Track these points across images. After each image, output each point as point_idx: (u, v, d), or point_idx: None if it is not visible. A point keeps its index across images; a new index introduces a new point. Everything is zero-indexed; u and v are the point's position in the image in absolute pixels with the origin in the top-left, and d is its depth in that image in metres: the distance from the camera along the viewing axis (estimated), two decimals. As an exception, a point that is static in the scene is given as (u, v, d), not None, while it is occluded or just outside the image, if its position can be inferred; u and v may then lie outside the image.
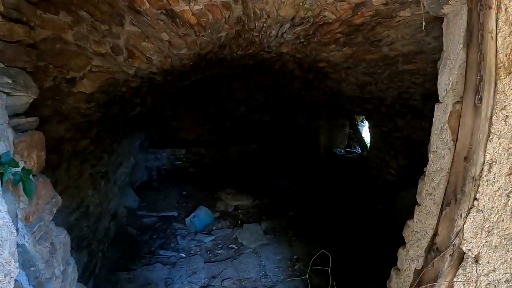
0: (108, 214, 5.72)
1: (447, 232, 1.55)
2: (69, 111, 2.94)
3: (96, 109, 3.49)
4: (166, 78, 5.13)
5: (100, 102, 3.38)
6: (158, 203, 7.23)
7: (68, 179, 3.94)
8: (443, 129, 1.63)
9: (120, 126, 5.50)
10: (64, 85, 2.49)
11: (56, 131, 2.99)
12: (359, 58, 4.62)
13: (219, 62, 6.26)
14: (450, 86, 1.56)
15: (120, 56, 2.79)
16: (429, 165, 1.78)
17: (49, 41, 2.04)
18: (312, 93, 8.05)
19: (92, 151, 4.55)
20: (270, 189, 8.08)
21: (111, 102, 3.71)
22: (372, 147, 7.34)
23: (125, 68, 3.01)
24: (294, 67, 6.12)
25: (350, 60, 4.82)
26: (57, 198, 1.87)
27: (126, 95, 4.07)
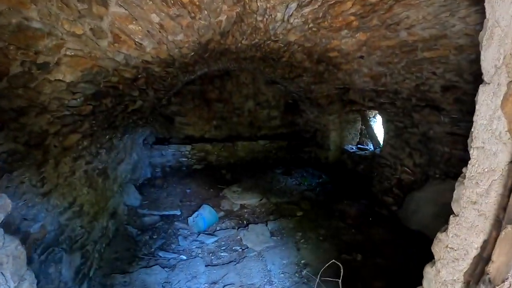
0: (107, 213, 5.44)
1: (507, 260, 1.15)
2: (49, 102, 2.62)
3: (84, 101, 3.18)
4: (166, 70, 4.82)
5: (87, 93, 3.07)
6: (161, 201, 6.94)
7: (58, 177, 3.65)
8: (494, 118, 1.22)
9: (119, 121, 5.19)
10: (36, 71, 2.17)
11: (36, 124, 2.68)
12: (373, 45, 4.24)
13: (224, 54, 5.93)
14: (502, 60, 1.17)
15: (103, 40, 2.47)
16: (472, 165, 1.36)
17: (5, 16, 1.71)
18: (322, 87, 7.67)
19: (86, 147, 4.26)
20: (278, 188, 7.72)
21: (101, 93, 3.40)
22: (386, 144, 6.94)
23: (111, 54, 2.69)
24: (303, 58, 5.75)
25: (364, 48, 4.44)
26: (5, 202, 1.54)
27: (120, 86, 3.75)
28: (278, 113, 10.62)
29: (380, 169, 7.14)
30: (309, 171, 9.03)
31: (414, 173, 6.16)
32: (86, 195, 4.56)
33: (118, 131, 5.68)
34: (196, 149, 9.36)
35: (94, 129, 4.10)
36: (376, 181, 7.29)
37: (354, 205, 6.84)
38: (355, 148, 9.29)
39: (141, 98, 5.51)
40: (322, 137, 9.78)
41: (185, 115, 9.91)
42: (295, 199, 7.13)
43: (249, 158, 9.85)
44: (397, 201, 6.43)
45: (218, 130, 10.29)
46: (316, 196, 7.34)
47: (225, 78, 9.92)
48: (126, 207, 6.43)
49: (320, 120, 9.63)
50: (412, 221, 5.81)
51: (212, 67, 7.94)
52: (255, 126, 10.55)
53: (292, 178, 8.36)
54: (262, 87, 10.26)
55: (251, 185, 7.73)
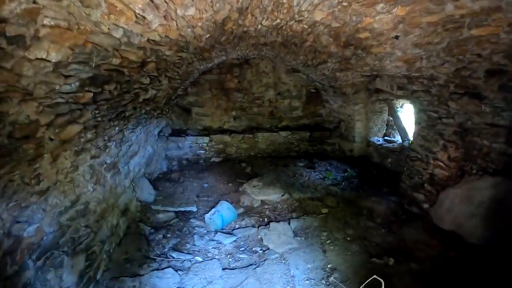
0: (117, 210, 5.11)
1: None
2: (34, 87, 2.21)
3: (80, 87, 2.77)
4: (179, 55, 4.38)
5: (83, 77, 2.65)
6: (177, 196, 6.56)
7: (57, 173, 3.28)
8: None
9: (129, 112, 4.80)
10: (8, 46, 1.74)
11: (21, 113, 2.27)
12: (412, 22, 3.68)
13: (242, 39, 5.47)
14: None
15: (95, 10, 2.02)
16: None
17: None
18: (348, 74, 7.12)
19: (91, 140, 3.87)
20: (301, 182, 7.24)
21: (101, 78, 2.98)
22: (417, 135, 6.34)
23: (107, 28, 2.25)
24: (329, 41, 5.23)
25: (400, 26, 3.88)
26: None
27: (125, 71, 3.32)
28: (300, 103, 10.12)
29: (410, 163, 6.56)
30: (333, 164, 8.49)
31: (449, 168, 5.58)
32: (92, 192, 4.20)
33: (129, 123, 5.31)
34: (214, 141, 8.97)
35: (99, 119, 3.70)
36: (405, 176, 6.72)
37: (382, 202, 6.31)
38: (381, 140, 8.70)
39: (153, 87, 5.11)
40: (347, 128, 9.23)
41: (202, 105, 9.56)
42: (319, 195, 6.63)
43: (270, 150, 9.40)
44: (429, 198, 5.87)
45: (237, 121, 9.90)
46: (342, 192, 6.82)
47: (244, 67, 9.50)
48: (139, 203, 6.09)
49: (344, 110, 9.08)
50: (445, 221, 5.31)
51: (231, 54, 7.51)
52: (276, 117, 10.09)
53: (316, 172, 7.84)
54: (283, 76, 9.78)
55: (272, 179, 7.26)
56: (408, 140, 7.82)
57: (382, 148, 8.27)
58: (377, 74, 6.44)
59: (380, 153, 8.30)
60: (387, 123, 9.06)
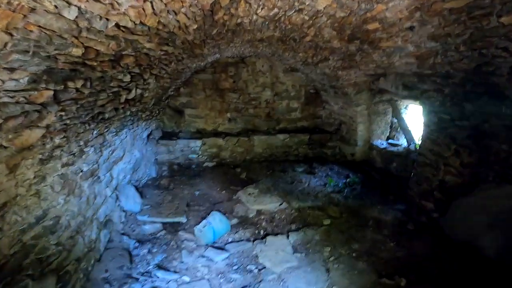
0: (97, 222, 4.61)
1: None
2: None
3: (34, 83, 2.25)
4: (164, 49, 3.87)
5: (33, 70, 2.13)
6: (165, 205, 6.03)
7: (16, 186, 2.76)
8: None
9: (109, 113, 4.27)
10: None
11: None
12: (432, 9, 3.18)
13: (236, 33, 4.96)
14: None
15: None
16: None
17: None
18: (350, 73, 6.63)
19: (60, 146, 3.35)
20: (300, 189, 6.72)
21: (62, 73, 2.45)
22: (425, 139, 5.87)
23: (51, 5, 1.72)
24: (332, 35, 4.73)
25: (417, 15, 3.38)
26: None
27: (94, 65, 2.79)
28: (298, 104, 9.62)
29: (418, 168, 6.09)
30: (334, 169, 7.99)
31: (461, 175, 5.13)
32: (64, 204, 3.68)
33: (112, 125, 4.80)
34: (207, 145, 8.43)
35: (67, 122, 3.18)
36: (413, 182, 6.25)
37: (389, 212, 5.84)
38: (385, 144, 8.20)
39: (138, 85, 4.59)
40: (348, 131, 8.73)
41: (195, 107, 9.05)
42: (320, 204, 6.11)
43: (266, 154, 8.87)
44: (439, 207, 5.43)
45: (232, 123, 9.38)
46: (345, 200, 6.31)
47: (240, 66, 9.00)
48: (123, 213, 5.57)
49: (345, 112, 8.58)
50: (458, 232, 4.87)
51: (225, 52, 7.01)
52: (273, 119, 9.57)
53: (316, 178, 7.33)
54: (280, 75, 9.29)
55: (269, 186, 6.74)
56: (414, 144, 7.34)
57: (386, 152, 7.77)
58: (383, 72, 5.95)
59: (384, 157, 7.81)
60: (390, 125, 8.56)
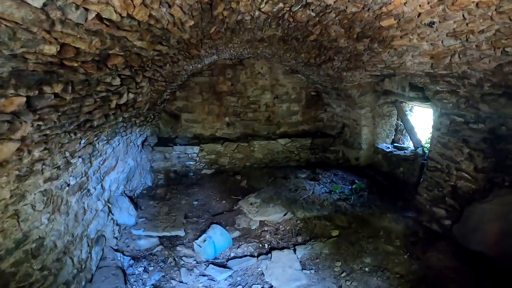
0: (87, 240, 4.23)
1: None
2: None
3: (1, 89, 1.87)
4: (157, 49, 3.49)
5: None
6: (161, 217, 5.64)
7: (-11, 208, 2.38)
8: None
9: (98, 120, 3.87)
10: None
11: None
12: (457, 3, 2.80)
13: (235, 32, 4.60)
14: None
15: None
16: None
17: None
18: (355, 74, 6.26)
19: (41, 159, 2.97)
20: (305, 198, 6.32)
21: (34, 76, 2.07)
22: (436, 143, 5.54)
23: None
24: (340, 33, 4.37)
25: (439, 9, 3.01)
26: None
27: (75, 66, 2.40)
28: (299, 107, 9.26)
29: (428, 173, 5.74)
30: (339, 174, 7.61)
31: (475, 180, 4.79)
32: (49, 224, 3.31)
33: (102, 133, 4.42)
34: (205, 151, 8.04)
35: (47, 133, 2.78)
36: (422, 188, 5.89)
37: (400, 221, 5.49)
38: (391, 147, 7.85)
39: (130, 89, 4.20)
40: (352, 134, 8.37)
41: (192, 111, 8.68)
42: (327, 213, 5.72)
43: (267, 160, 8.48)
44: (452, 214, 5.11)
45: (231, 128, 9.01)
46: (352, 208, 5.93)
47: (238, 68, 8.65)
48: (117, 227, 5.18)
49: (349, 114, 8.23)
50: (472, 240, 4.62)
51: (223, 53, 6.64)
52: (274, 123, 9.21)
53: (320, 185, 6.94)
54: (280, 77, 8.95)
55: (271, 194, 6.35)
56: (421, 147, 6.98)
57: (392, 155, 7.41)
58: (392, 73, 5.58)
59: (390, 162, 7.44)
60: (395, 128, 8.21)
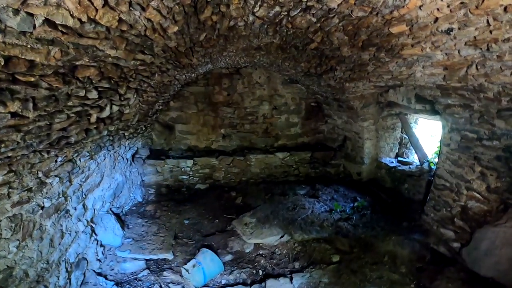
0: (66, 265, 3.88)
1: None
2: None
3: None
4: (139, 58, 3.14)
5: None
6: (149, 238, 5.25)
7: None
8: None
9: (76, 136, 3.51)
10: None
11: None
12: (482, 7, 2.46)
13: (229, 40, 4.28)
14: None
15: None
16: None
17: None
18: (358, 85, 5.92)
19: (6, 183, 2.63)
20: (303, 217, 5.93)
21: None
22: (444, 159, 5.22)
23: None
24: (343, 41, 4.04)
25: (460, 14, 2.66)
26: None
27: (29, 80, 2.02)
28: (299, 118, 8.91)
29: (436, 191, 5.41)
30: (340, 191, 7.23)
31: (488, 201, 4.46)
32: (18, 252, 2.96)
33: (84, 148, 4.06)
34: (199, 165, 7.66)
35: (10, 154, 2.43)
36: (429, 207, 5.56)
37: (406, 244, 5.09)
38: (395, 162, 7.48)
39: (114, 102, 3.85)
40: (354, 147, 8.01)
41: (187, 122, 8.32)
42: (327, 235, 5.33)
43: (264, 175, 8.09)
44: (461, 236, 4.80)
45: (227, 140, 8.65)
46: (354, 229, 5.54)
47: (235, 77, 8.32)
48: (101, 248, 4.81)
49: (350, 127, 7.88)
50: (483, 265, 4.29)
51: (218, 62, 6.32)
52: (272, 135, 8.85)
53: (320, 202, 6.55)
54: (279, 87, 8.62)
55: (268, 213, 5.94)
56: (427, 162, 6.62)
57: (396, 171, 7.05)
58: (399, 84, 5.25)
59: (394, 177, 7.08)
60: (399, 141, 7.86)
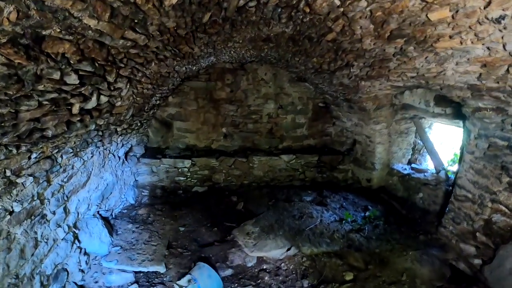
0: (40, 278, 3.34)
1: None
2: None
3: None
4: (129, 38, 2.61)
5: None
6: (140, 246, 4.69)
7: None
8: None
9: (55, 130, 2.97)
10: None
11: None
12: None
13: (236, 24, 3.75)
14: None
15: None
16: None
17: None
18: (375, 84, 5.38)
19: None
20: (311, 228, 5.33)
21: None
22: (467, 167, 4.75)
23: None
24: (367, 30, 3.51)
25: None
26: None
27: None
28: (306, 119, 8.37)
29: (456, 203, 4.95)
30: (349, 198, 6.67)
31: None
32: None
33: (66, 144, 3.51)
34: (197, 165, 7.11)
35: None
36: (448, 220, 5.09)
37: (424, 260, 4.60)
38: (408, 169, 6.94)
39: (102, 91, 3.31)
40: (364, 152, 7.47)
41: (186, 119, 7.79)
42: (338, 248, 4.78)
43: (268, 179, 7.55)
44: (483, 252, 4.39)
45: (228, 140, 8.11)
46: (367, 242, 5.00)
47: (239, 73, 7.79)
48: (85, 257, 4.25)
49: (361, 130, 7.33)
50: (507, 285, 3.94)
51: (221, 54, 5.79)
52: (276, 136, 8.30)
53: (329, 211, 5.98)
54: (285, 85, 8.08)
55: (272, 222, 5.36)
56: (444, 170, 6.09)
57: (409, 178, 6.52)
58: (421, 84, 4.70)
59: (408, 186, 6.54)
60: (413, 147, 7.33)
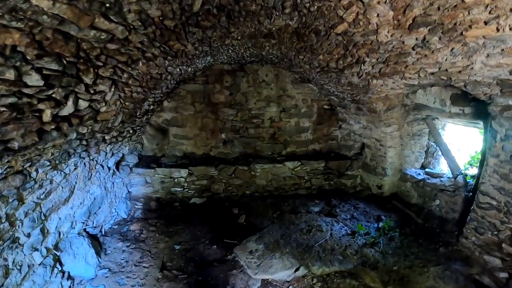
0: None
1: None
2: None
3: None
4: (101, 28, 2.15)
5: None
6: (130, 269, 4.20)
7: None
8: None
9: (23, 142, 2.51)
10: None
11: None
12: None
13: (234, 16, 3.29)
14: None
15: None
16: None
17: None
18: (388, 82, 4.89)
19: None
20: (321, 243, 4.83)
21: None
22: (491, 172, 4.31)
23: None
24: (386, 19, 3.06)
25: None
26: None
27: None
28: (310, 123, 7.89)
29: (479, 211, 4.49)
30: (360, 207, 6.18)
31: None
32: None
33: (42, 156, 3.07)
34: (195, 175, 6.64)
35: None
36: (470, 229, 4.66)
37: (446, 276, 4.19)
38: (422, 174, 6.44)
39: (79, 95, 2.84)
40: (374, 156, 6.99)
41: (182, 125, 7.33)
42: (352, 266, 4.28)
43: (271, 188, 7.06)
44: (510, 265, 4.10)
45: (229, 146, 7.63)
46: (383, 258, 4.50)
47: (239, 75, 7.34)
48: (68, 281, 3.78)
49: (370, 132, 6.87)
50: None
51: (218, 54, 5.33)
52: (280, 141, 7.81)
53: (339, 223, 5.47)
54: (288, 87, 7.62)
55: (277, 238, 4.85)
56: (461, 175, 5.61)
57: (425, 184, 6.02)
58: (442, 80, 4.21)
59: (423, 192, 6.05)
60: (426, 150, 6.86)
